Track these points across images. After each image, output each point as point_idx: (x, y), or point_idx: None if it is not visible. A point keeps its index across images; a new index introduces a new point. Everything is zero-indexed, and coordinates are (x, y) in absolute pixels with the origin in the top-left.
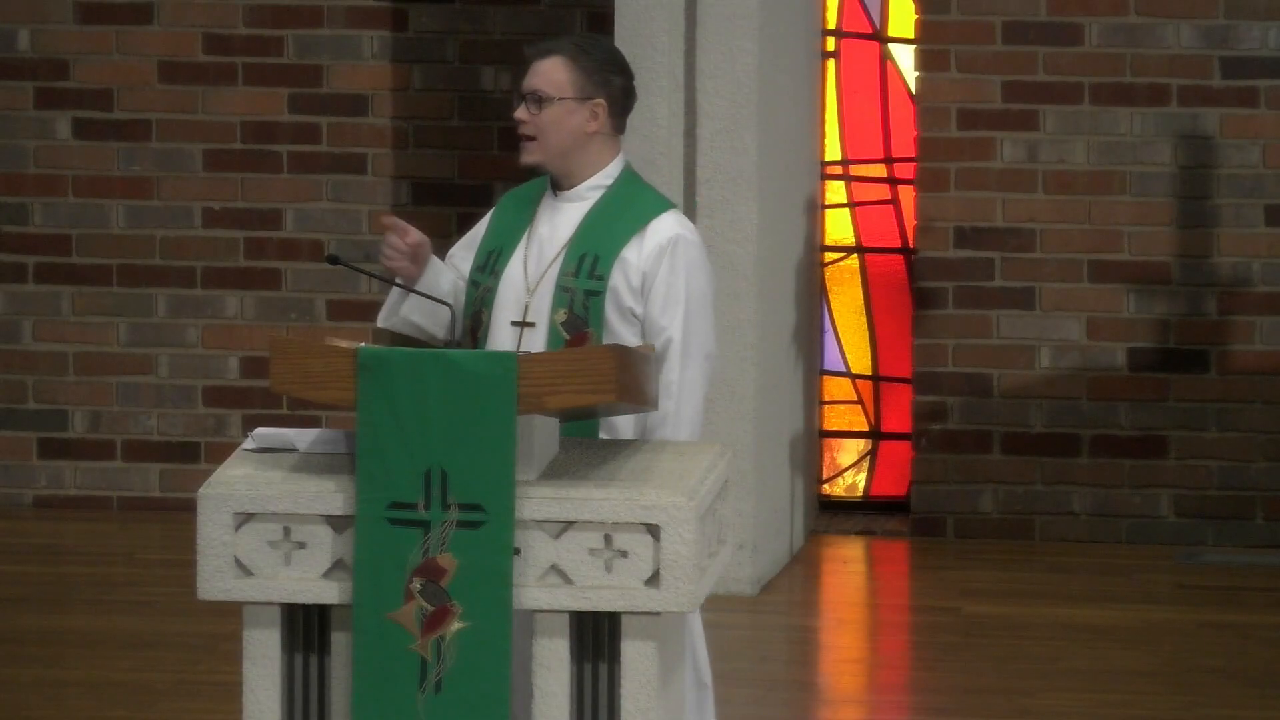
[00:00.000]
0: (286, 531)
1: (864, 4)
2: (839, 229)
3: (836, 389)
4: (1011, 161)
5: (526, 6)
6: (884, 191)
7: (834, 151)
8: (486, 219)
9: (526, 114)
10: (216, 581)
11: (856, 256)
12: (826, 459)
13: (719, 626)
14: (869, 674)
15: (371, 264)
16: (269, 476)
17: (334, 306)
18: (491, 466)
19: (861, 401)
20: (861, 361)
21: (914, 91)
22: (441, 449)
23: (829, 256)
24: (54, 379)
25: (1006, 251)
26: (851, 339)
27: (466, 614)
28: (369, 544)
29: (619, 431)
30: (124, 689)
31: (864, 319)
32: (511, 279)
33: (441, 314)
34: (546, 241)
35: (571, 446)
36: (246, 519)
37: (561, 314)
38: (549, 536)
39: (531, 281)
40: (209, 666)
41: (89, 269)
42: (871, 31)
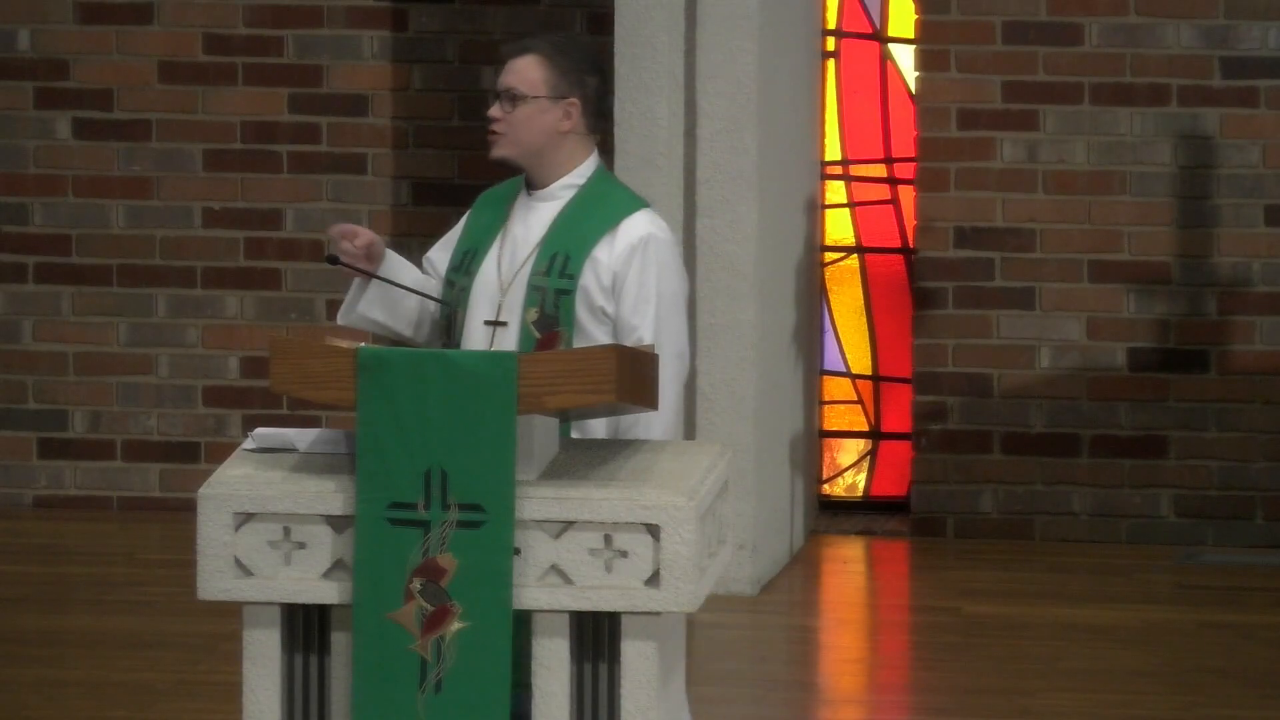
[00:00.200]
0: (286, 531)
1: (864, 4)
2: (839, 229)
3: (836, 389)
4: (1011, 161)
5: (526, 6)
6: (884, 191)
7: (834, 151)
8: (463, 220)
9: (500, 111)
10: (216, 581)
11: (856, 256)
12: (826, 459)
13: (719, 626)
14: (869, 674)
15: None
16: (269, 476)
17: (334, 306)
18: (491, 466)
19: (861, 401)
20: (861, 361)
21: (914, 91)
22: (441, 449)
23: (829, 256)
24: (54, 379)
25: (1006, 251)
26: (851, 339)
27: (466, 614)
28: (369, 544)
29: (590, 432)
30: (124, 689)
31: (864, 319)
32: (485, 278)
33: (403, 310)
34: (520, 241)
35: (571, 446)
36: (246, 519)
37: (533, 313)
38: (549, 536)
39: (505, 281)
40: (209, 666)
41: (89, 269)
42: (871, 31)
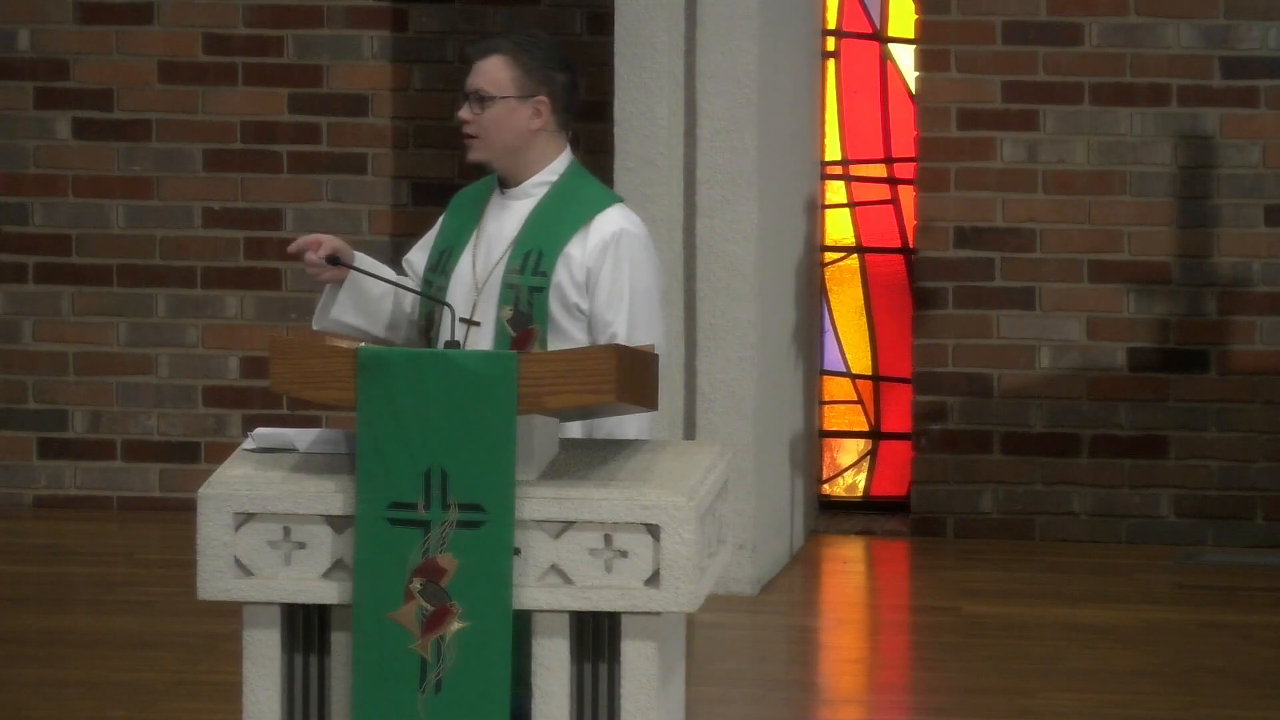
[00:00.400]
0: (286, 531)
1: (864, 4)
2: (839, 229)
3: (836, 389)
4: (1011, 161)
5: (526, 6)
6: (884, 191)
7: (834, 151)
8: (440, 221)
9: (470, 114)
10: (216, 581)
11: (856, 256)
12: (826, 459)
13: (719, 626)
14: (869, 674)
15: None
16: (269, 476)
17: None
18: (491, 466)
19: (861, 401)
20: (861, 361)
21: (914, 91)
22: (441, 449)
23: (829, 256)
24: (54, 379)
25: (1006, 251)
26: (851, 339)
27: (466, 614)
28: (369, 544)
29: (566, 431)
30: (124, 689)
31: (864, 319)
32: (461, 278)
33: (378, 313)
34: (494, 239)
35: (571, 446)
36: (246, 519)
37: (507, 311)
38: (549, 536)
39: (479, 280)
40: (209, 666)
41: (89, 269)
42: (871, 31)
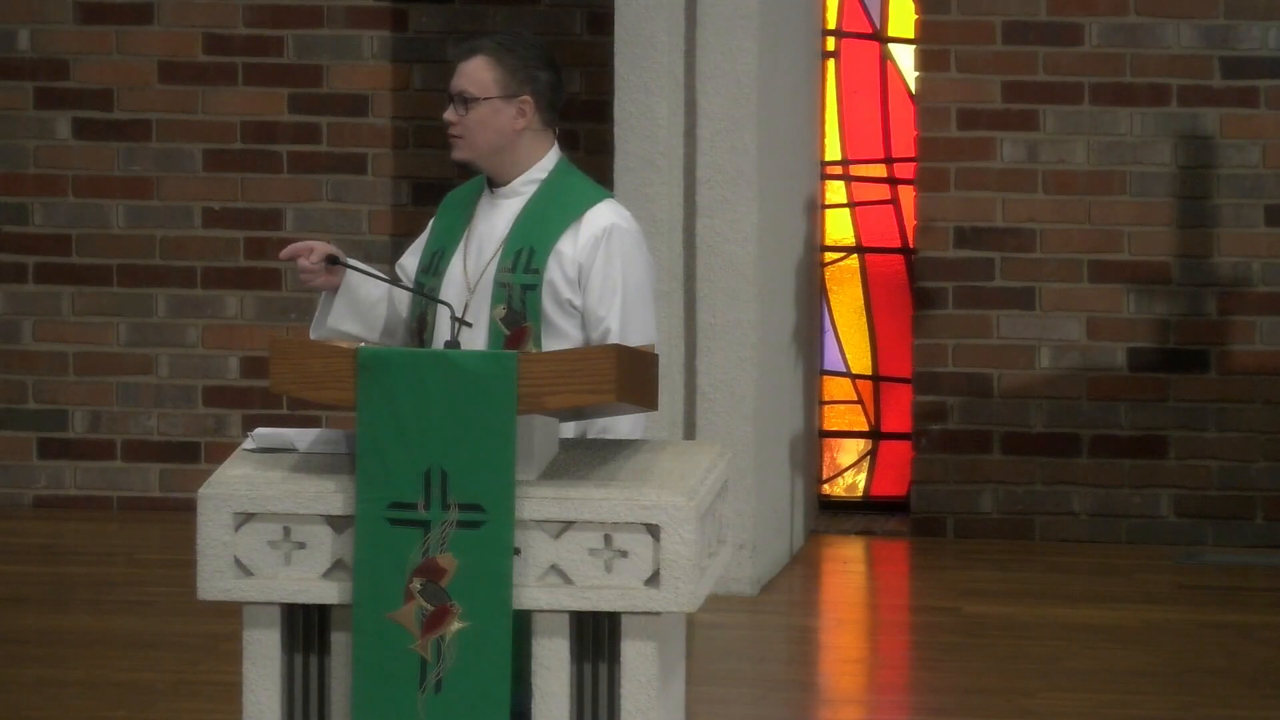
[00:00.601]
0: (286, 531)
1: (864, 4)
2: (839, 229)
3: (836, 389)
4: (1011, 161)
5: (526, 6)
6: (884, 191)
7: (834, 151)
8: (430, 223)
9: (455, 115)
10: (216, 581)
11: (856, 256)
12: (826, 459)
13: (719, 626)
14: (869, 674)
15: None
16: (269, 476)
17: None
18: (491, 466)
19: (861, 401)
20: (861, 361)
21: (914, 91)
22: (441, 449)
23: (829, 256)
24: (54, 379)
25: (1006, 251)
26: (851, 339)
27: (466, 614)
28: (369, 544)
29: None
30: (124, 689)
31: (864, 319)
32: (453, 278)
33: (375, 318)
34: (485, 239)
35: (571, 446)
36: (246, 519)
37: (500, 310)
38: (549, 536)
39: (472, 279)
40: (209, 666)
41: (89, 269)
42: (871, 31)
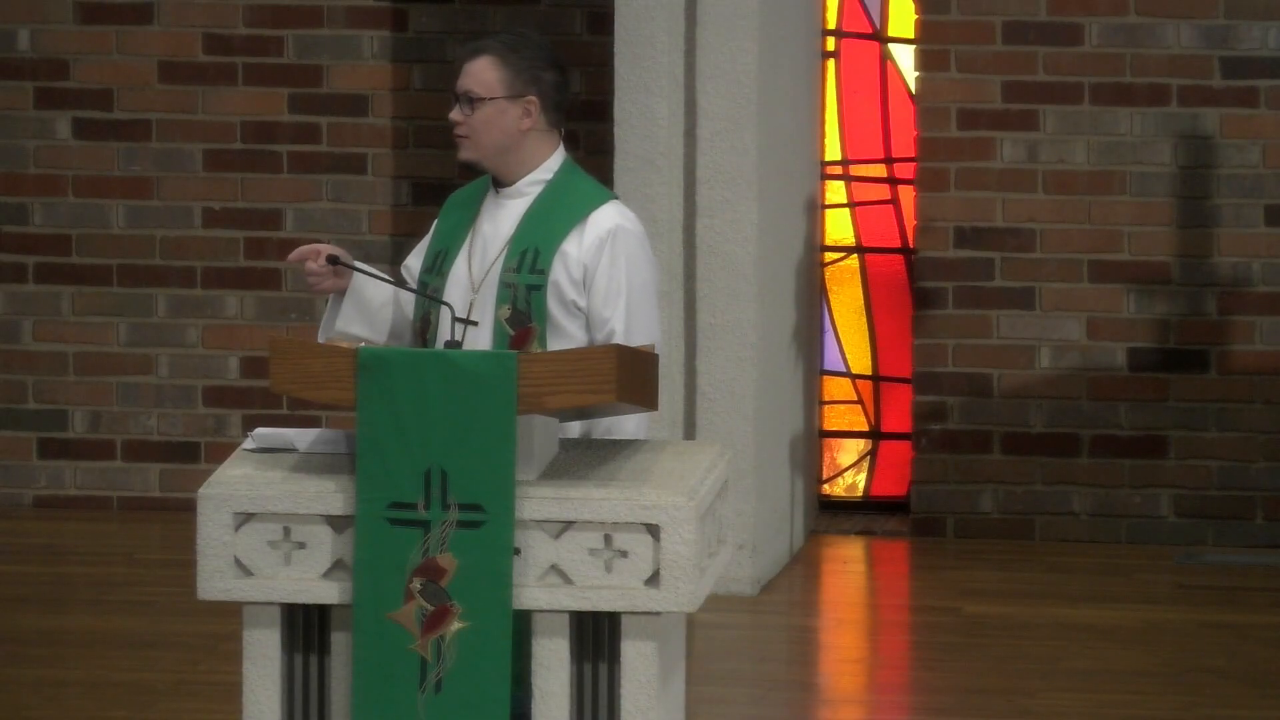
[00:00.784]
0: (286, 531)
1: (864, 4)
2: (839, 229)
3: (836, 389)
4: (1011, 161)
5: (526, 6)
6: (884, 191)
7: (834, 151)
8: (435, 223)
9: (460, 115)
10: (216, 581)
11: (856, 256)
12: (826, 459)
13: (719, 626)
14: (869, 674)
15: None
16: (269, 476)
17: None
18: (491, 466)
19: (861, 401)
20: (861, 361)
21: (914, 91)
22: (441, 449)
23: (829, 256)
24: (54, 379)
25: (1006, 251)
26: (851, 339)
27: (466, 614)
28: (369, 544)
29: (564, 430)
30: (124, 689)
31: (864, 319)
32: (457, 278)
33: (381, 321)
34: (490, 239)
35: (571, 446)
36: (246, 519)
37: (505, 310)
38: (549, 536)
39: (476, 280)
40: (209, 666)
41: (89, 269)
42: (871, 31)
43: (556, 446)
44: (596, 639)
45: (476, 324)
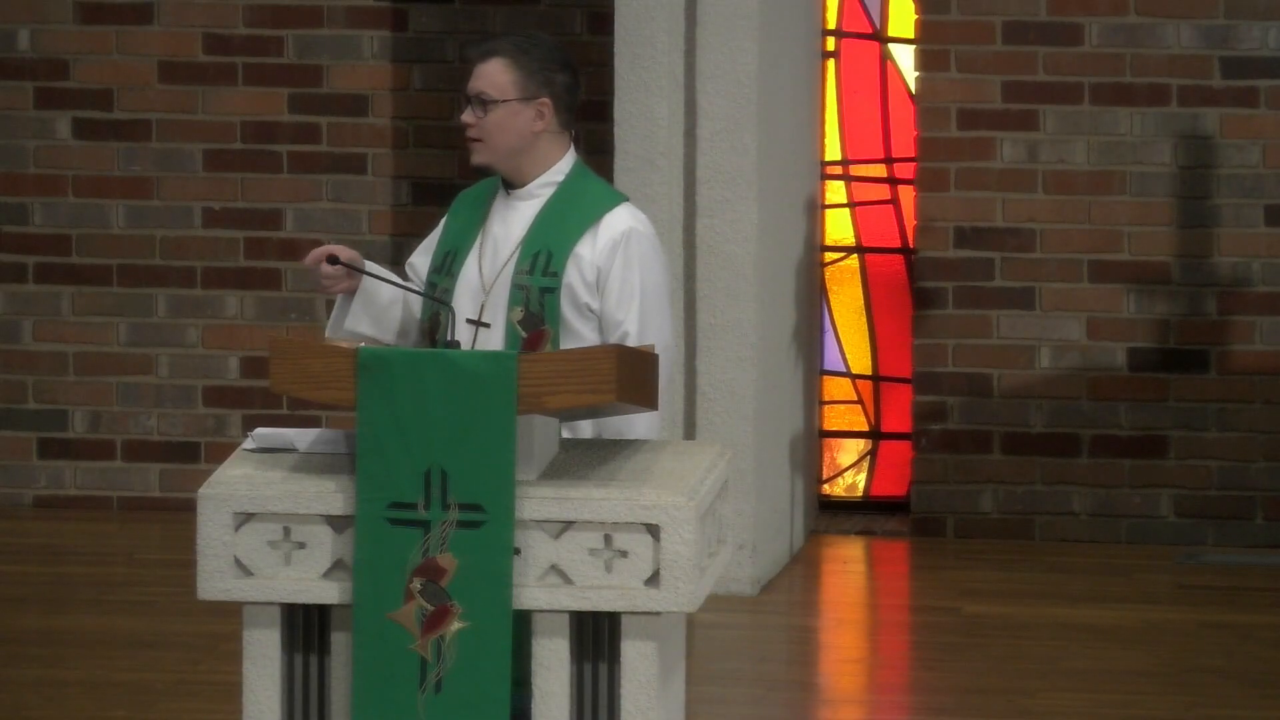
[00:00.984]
0: (286, 531)
1: (864, 4)
2: (839, 229)
3: (836, 389)
4: (1011, 161)
5: (526, 6)
6: (884, 191)
7: (834, 151)
8: (442, 222)
9: (473, 117)
10: (216, 581)
11: (856, 256)
12: (826, 459)
13: (719, 626)
14: (869, 674)
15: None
16: (269, 476)
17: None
18: (491, 466)
19: (861, 401)
20: (861, 361)
21: (914, 91)
22: (441, 449)
23: (829, 256)
24: (54, 379)
25: (1006, 251)
26: (851, 339)
27: (466, 614)
28: (369, 544)
29: (578, 430)
30: (124, 689)
31: (864, 319)
32: (467, 279)
33: (389, 320)
34: (501, 240)
35: (571, 446)
36: (246, 519)
37: (518, 312)
38: (549, 536)
39: (487, 281)
40: (209, 666)
41: (89, 269)
42: (871, 31)
43: (556, 446)
44: (596, 639)
45: (489, 326)
